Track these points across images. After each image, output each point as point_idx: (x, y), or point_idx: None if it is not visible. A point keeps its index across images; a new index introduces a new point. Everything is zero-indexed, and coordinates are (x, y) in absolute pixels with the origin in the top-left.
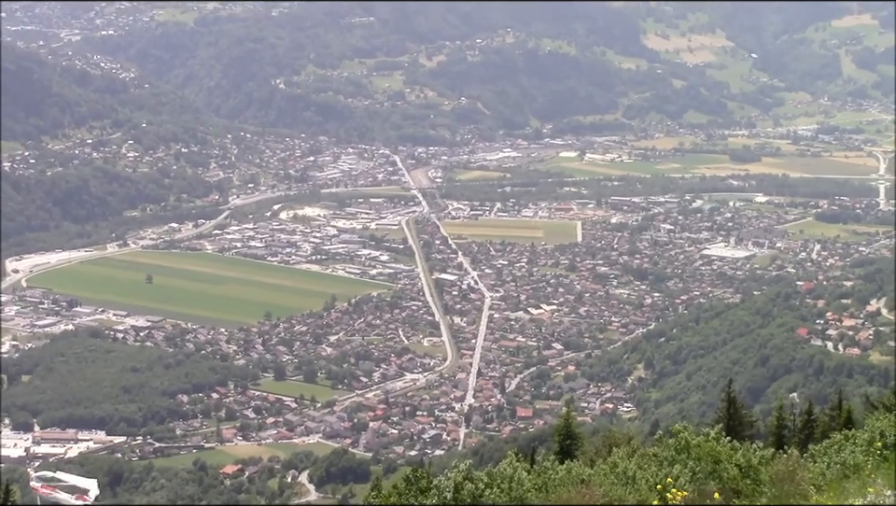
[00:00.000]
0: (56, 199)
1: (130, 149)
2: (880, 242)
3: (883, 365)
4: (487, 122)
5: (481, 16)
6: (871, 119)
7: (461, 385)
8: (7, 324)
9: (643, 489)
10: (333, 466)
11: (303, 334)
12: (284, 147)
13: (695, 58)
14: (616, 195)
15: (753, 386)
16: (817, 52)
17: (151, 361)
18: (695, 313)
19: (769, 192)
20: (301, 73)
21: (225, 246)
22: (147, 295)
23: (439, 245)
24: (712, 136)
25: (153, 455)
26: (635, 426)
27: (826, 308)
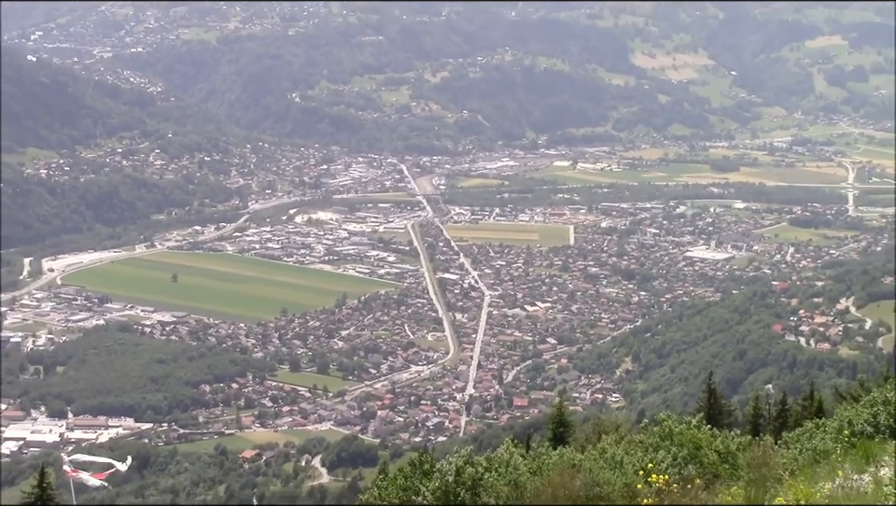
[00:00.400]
0: (88, 203)
1: (157, 158)
2: (849, 245)
3: (851, 359)
4: (487, 134)
5: (481, 36)
6: (841, 132)
7: (462, 376)
8: (43, 319)
9: (629, 473)
10: (344, 451)
11: (317, 329)
12: (299, 155)
13: (679, 75)
14: (606, 201)
15: (732, 378)
16: (791, 70)
17: (176, 354)
18: (679, 310)
19: (747, 199)
20: (315, 87)
21: (244, 248)
22: (173, 292)
23: (442, 247)
24: (694, 147)
25: (178, 440)
26: (622, 415)
27: (799, 306)
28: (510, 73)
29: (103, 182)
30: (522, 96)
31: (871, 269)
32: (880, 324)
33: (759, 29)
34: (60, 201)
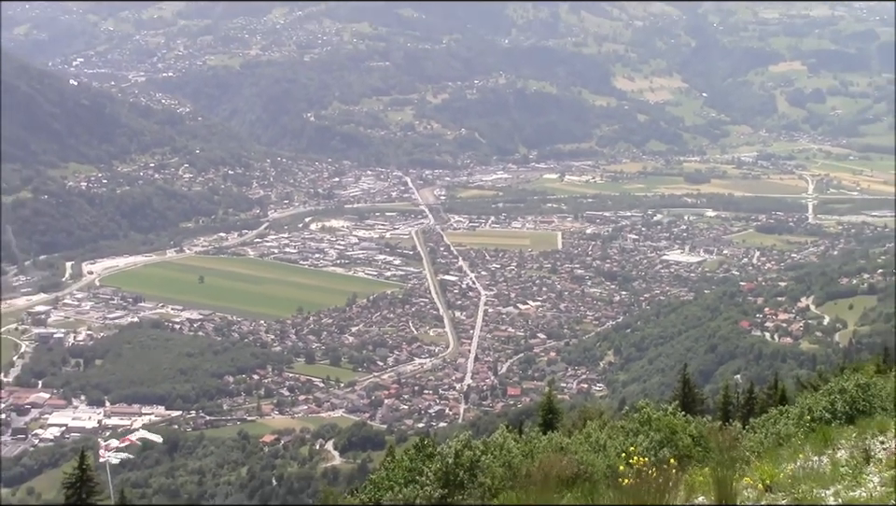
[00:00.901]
0: (124, 212)
1: (185, 171)
2: (809, 250)
3: (811, 352)
4: (483, 149)
5: (478, 61)
6: (801, 148)
7: (461, 368)
8: (83, 316)
9: (612, 455)
10: (354, 436)
11: (329, 326)
12: (313, 169)
13: (656, 96)
14: (590, 210)
15: (704, 370)
16: (756, 93)
17: (203, 348)
18: (656, 308)
19: (717, 208)
20: (327, 108)
21: (264, 252)
22: (200, 293)
23: (442, 252)
24: (670, 162)
25: (204, 426)
26: (605, 402)
27: (764, 305)
28: (503, 94)
29: (137, 193)
30: (514, 115)
31: (828, 271)
32: (837, 320)
33: (727, 55)
34: (98, 210)
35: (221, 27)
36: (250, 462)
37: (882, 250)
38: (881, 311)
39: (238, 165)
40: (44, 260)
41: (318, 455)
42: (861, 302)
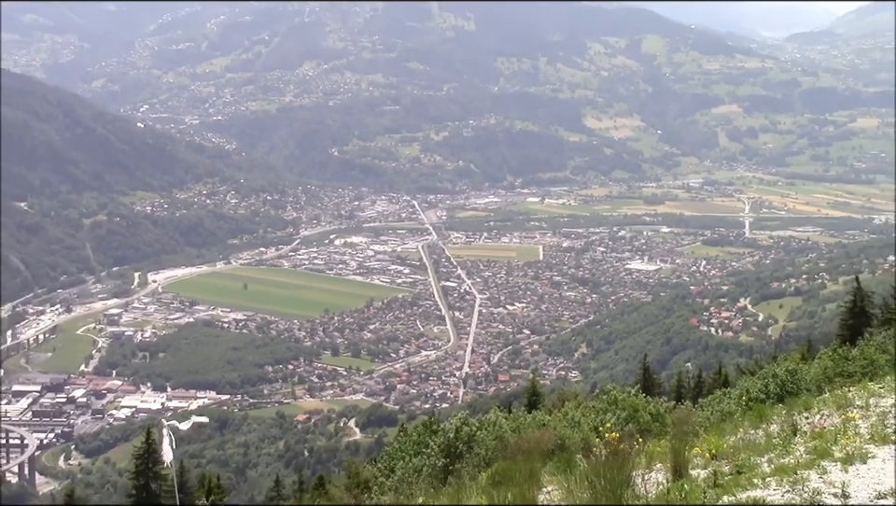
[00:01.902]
0: (181, 231)
1: (231, 197)
2: (746, 259)
3: (749, 343)
4: (477, 178)
5: (472, 105)
6: (738, 175)
7: (460, 358)
8: (149, 317)
9: (585, 430)
10: (372, 415)
11: (351, 324)
12: (337, 195)
13: (619, 133)
14: (566, 227)
15: (660, 359)
16: (701, 130)
17: (246, 343)
18: (621, 308)
19: (670, 225)
20: (348, 144)
21: (297, 263)
22: (244, 297)
23: (444, 262)
24: (631, 187)
25: (248, 407)
26: (579, 386)
27: (709, 305)
28: (493, 132)
29: (192, 215)
30: (503, 150)
31: (762, 277)
32: (769, 318)
33: (677, 99)
34: (160, 230)
35: (261, 78)
36: (286, 437)
37: (805, 259)
38: (805, 309)
39: (275, 192)
40: (116, 271)
41: (342, 431)
42: (789, 303)
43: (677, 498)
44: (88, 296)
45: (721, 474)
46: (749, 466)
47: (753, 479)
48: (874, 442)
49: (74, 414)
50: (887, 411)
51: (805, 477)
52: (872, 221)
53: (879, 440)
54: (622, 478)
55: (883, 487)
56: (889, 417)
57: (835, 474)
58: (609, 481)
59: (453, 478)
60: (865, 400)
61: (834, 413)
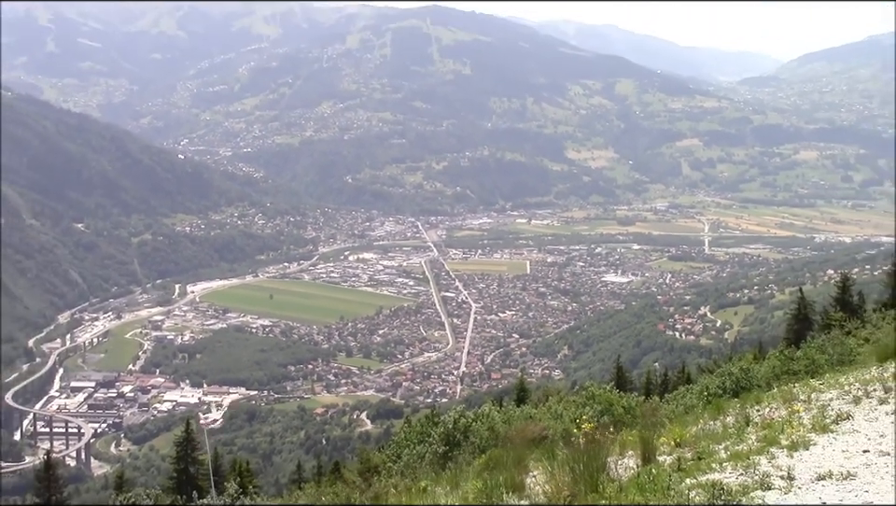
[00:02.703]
0: (215, 248)
1: (259, 219)
2: (706, 273)
3: (708, 346)
4: (473, 202)
5: (468, 138)
6: (699, 199)
7: (457, 359)
8: (187, 323)
9: (567, 421)
10: (381, 408)
11: (363, 329)
12: (351, 217)
13: (596, 163)
14: (550, 245)
15: (632, 359)
16: (667, 161)
17: (272, 346)
18: (598, 315)
19: (640, 243)
20: (361, 172)
21: (316, 276)
22: (270, 306)
23: (444, 276)
24: (606, 210)
25: (273, 402)
26: (561, 383)
27: (674, 312)
28: (487, 162)
29: (225, 235)
30: (495, 177)
31: (719, 288)
32: (726, 323)
33: (646, 134)
34: (197, 247)
35: (285, 116)
36: (306, 427)
37: (757, 273)
38: (757, 316)
39: (297, 214)
40: (160, 284)
41: (355, 422)
42: (742, 310)
43: (646, 481)
44: (135, 305)
45: (684, 460)
46: (708, 452)
47: (712, 464)
48: (815, 431)
49: (123, 407)
50: (826, 404)
51: (757, 462)
52: (813, 240)
53: (820, 429)
54: (598, 464)
55: (822, 470)
56: (828, 410)
57: (782, 459)
58: (587, 466)
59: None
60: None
61: (781, 406)
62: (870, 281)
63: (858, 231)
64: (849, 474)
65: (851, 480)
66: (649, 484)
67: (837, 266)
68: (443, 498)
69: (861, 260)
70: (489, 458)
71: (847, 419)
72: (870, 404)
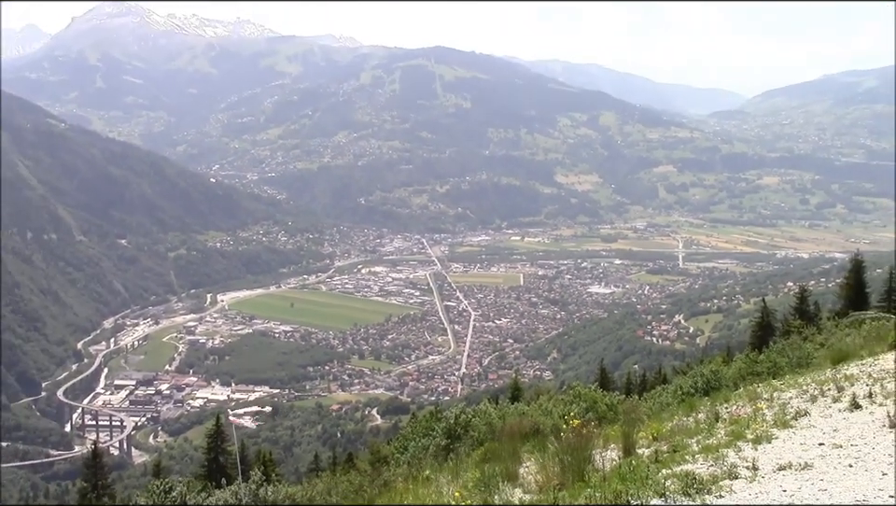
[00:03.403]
0: (243, 262)
1: (282, 236)
2: (680, 285)
3: (682, 350)
4: (472, 221)
5: (468, 165)
6: (674, 220)
7: (458, 361)
8: (218, 329)
9: (556, 417)
10: (390, 405)
11: (374, 334)
12: (363, 234)
13: (582, 187)
14: (541, 260)
15: (614, 362)
16: (645, 185)
17: (293, 349)
18: (584, 322)
19: (622, 258)
20: (373, 195)
21: (332, 287)
22: (291, 313)
23: (446, 287)
24: (591, 228)
25: (294, 399)
26: (551, 384)
27: (652, 320)
28: (485, 186)
29: (251, 250)
30: (492, 199)
31: (692, 298)
32: (697, 330)
33: (626, 161)
34: (227, 261)
35: (305, 144)
36: (323, 422)
37: (725, 285)
38: (725, 323)
39: (315, 232)
40: (193, 293)
41: (367, 417)
42: (713, 318)
43: (627, 471)
44: (171, 312)
45: (660, 452)
46: (682, 446)
47: (685, 456)
48: (776, 426)
49: (160, 403)
50: (786, 402)
51: (725, 454)
52: (775, 256)
53: (781, 425)
54: (584, 455)
55: (783, 461)
56: (787, 407)
57: (748, 452)
58: (574, 457)
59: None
60: (770, 393)
61: (747, 404)
62: (825, 292)
63: (814, 247)
64: (807, 465)
65: (808, 470)
66: (629, 473)
67: (796, 279)
68: (445, 486)
69: (817, 273)
70: (486, 451)
71: (804, 416)
72: (825, 402)
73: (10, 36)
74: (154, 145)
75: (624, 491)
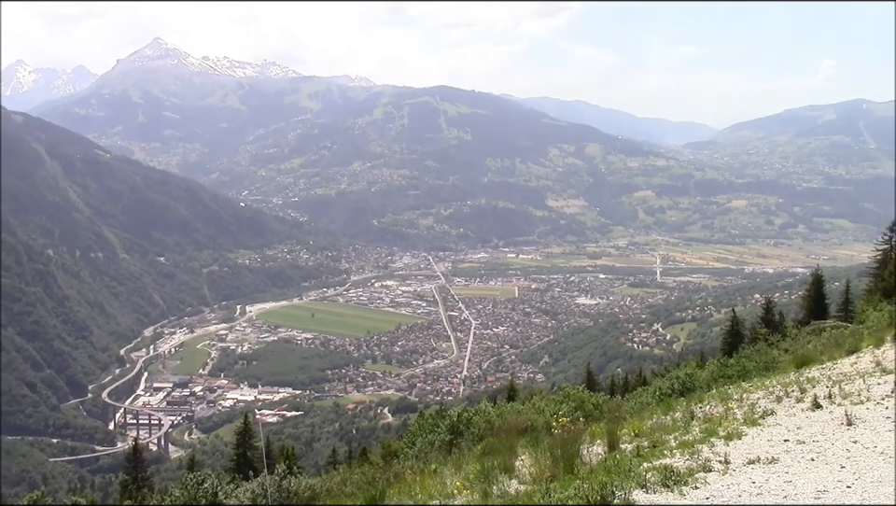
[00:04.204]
0: (269, 277)
1: (304, 253)
2: (658, 296)
3: (660, 355)
4: (473, 241)
5: (469, 190)
6: (652, 238)
7: (460, 365)
8: (246, 336)
9: (547, 415)
10: (399, 405)
11: (386, 341)
12: (376, 253)
13: (570, 210)
14: (534, 274)
15: (600, 366)
16: (627, 208)
17: (313, 354)
18: (572, 330)
19: (606, 273)
20: (385, 217)
21: (349, 299)
22: (312, 322)
23: (450, 299)
24: (579, 247)
25: (314, 399)
26: (543, 385)
27: (633, 328)
28: (484, 209)
29: (276, 266)
30: (490, 221)
31: (669, 308)
32: (674, 337)
33: (610, 187)
34: (255, 276)
35: (325, 172)
36: (340, 420)
37: (699, 297)
38: (699, 331)
39: (333, 250)
40: (224, 305)
41: (379, 415)
42: (688, 326)
43: (611, 464)
44: (204, 322)
45: (642, 447)
46: (661, 442)
47: (664, 451)
48: (746, 424)
49: (194, 403)
50: (754, 402)
51: (700, 449)
52: (743, 270)
53: (750, 423)
54: (573, 450)
55: (752, 456)
56: (756, 407)
57: (720, 447)
58: (564, 452)
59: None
60: (740, 394)
61: (719, 404)
62: (788, 303)
63: (778, 263)
64: (773, 459)
65: (775, 463)
66: (614, 466)
67: (762, 292)
68: (449, 478)
69: (781, 286)
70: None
71: (771, 415)
72: (789, 403)
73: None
74: (190, 173)
75: (609, 482)
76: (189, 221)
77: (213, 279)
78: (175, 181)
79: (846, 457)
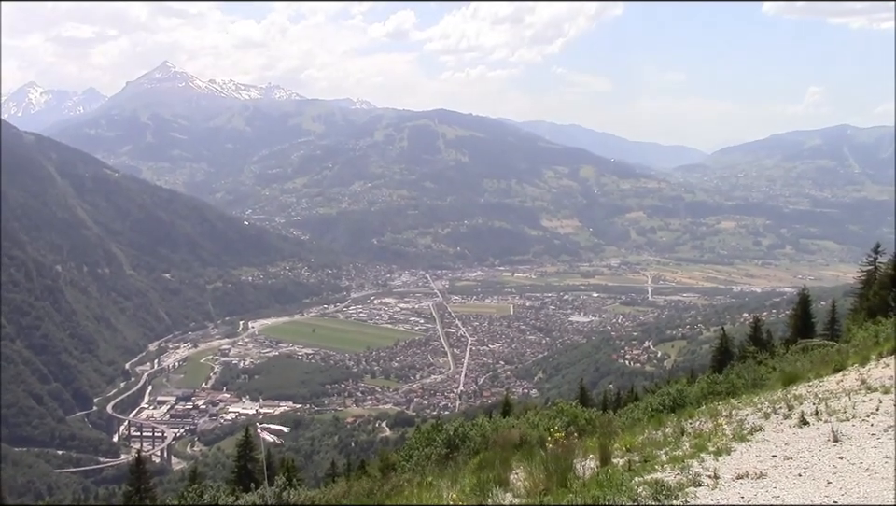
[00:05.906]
0: (271, 293)
1: (306, 270)
2: (649, 314)
3: (651, 372)
4: (469, 259)
5: (467, 210)
6: (644, 258)
7: (457, 380)
8: (248, 351)
9: (541, 429)
10: (397, 418)
11: (384, 356)
12: (376, 271)
13: (564, 230)
14: (528, 292)
15: (593, 381)
16: (619, 228)
17: (314, 369)
18: (566, 347)
19: (598, 291)
20: (384, 236)
21: (348, 316)
22: (312, 338)
23: (447, 316)
24: (572, 266)
25: (314, 412)
26: (537, 400)
27: (625, 345)
28: (481, 229)
29: (279, 283)
30: (487, 240)
31: (660, 326)
32: (665, 354)
33: (602, 208)
34: (258, 292)
35: (326, 192)
36: (340, 433)
37: (689, 315)
38: (689, 349)
39: (334, 268)
40: (227, 320)
41: (377, 429)
42: (678, 344)
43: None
44: (208, 337)
45: (633, 462)
46: (652, 456)
47: (655, 465)
48: (735, 440)
49: (197, 416)
50: (743, 419)
51: (690, 464)
52: (732, 290)
53: (739, 439)
54: (566, 464)
55: (741, 471)
56: (744, 423)
57: (709, 462)
58: (557, 466)
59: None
60: (729, 411)
61: (709, 420)
62: (776, 322)
63: (766, 283)
64: (762, 474)
65: (763, 478)
66: (606, 480)
67: (750, 310)
68: (445, 490)
69: (769, 305)
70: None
71: (759, 431)
72: (777, 419)
73: (73, 98)
74: (196, 192)
75: (602, 496)
76: (194, 239)
77: (217, 295)
78: (182, 200)
79: (832, 473)
